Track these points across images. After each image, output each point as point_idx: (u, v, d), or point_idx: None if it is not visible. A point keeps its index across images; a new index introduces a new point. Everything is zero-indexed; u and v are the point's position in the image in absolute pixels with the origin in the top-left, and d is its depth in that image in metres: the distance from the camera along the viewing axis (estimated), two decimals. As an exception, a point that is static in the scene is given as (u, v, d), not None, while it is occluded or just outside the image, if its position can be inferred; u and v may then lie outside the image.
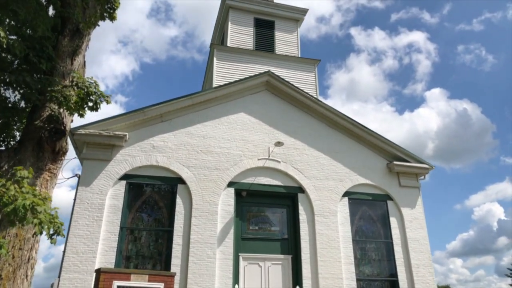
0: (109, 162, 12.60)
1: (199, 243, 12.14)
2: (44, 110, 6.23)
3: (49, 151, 5.95)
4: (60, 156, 6.09)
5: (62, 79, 6.29)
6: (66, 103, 5.91)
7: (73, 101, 6.01)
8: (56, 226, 4.26)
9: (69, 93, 5.98)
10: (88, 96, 6.11)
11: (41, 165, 5.86)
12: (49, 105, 6.21)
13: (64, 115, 6.29)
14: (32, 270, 5.30)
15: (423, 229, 14.37)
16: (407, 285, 13.40)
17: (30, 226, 4.92)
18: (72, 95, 5.99)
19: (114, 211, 12.07)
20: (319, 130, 15.19)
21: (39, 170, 5.81)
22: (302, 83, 16.85)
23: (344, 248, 13.36)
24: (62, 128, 6.04)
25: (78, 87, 6.16)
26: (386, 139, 15.22)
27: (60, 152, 6.07)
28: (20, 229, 5.10)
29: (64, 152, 6.13)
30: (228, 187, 13.33)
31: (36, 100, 6.07)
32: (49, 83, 5.93)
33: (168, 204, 12.81)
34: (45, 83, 5.92)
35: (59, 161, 6.11)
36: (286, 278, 12.84)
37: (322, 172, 14.41)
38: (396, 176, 15.02)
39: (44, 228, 4.10)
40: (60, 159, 6.11)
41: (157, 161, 13.01)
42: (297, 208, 13.70)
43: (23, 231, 5.12)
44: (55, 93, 5.87)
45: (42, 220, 3.93)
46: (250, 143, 14.22)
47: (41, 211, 3.94)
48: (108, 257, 11.43)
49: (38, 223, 3.95)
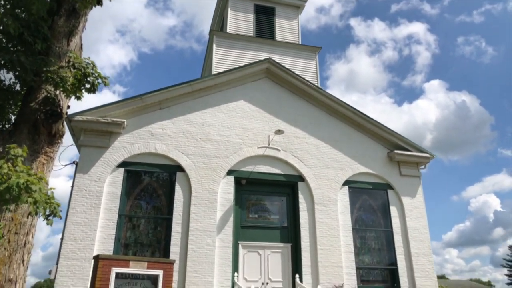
0: (107, 149, 12.44)
1: (198, 231, 12.04)
2: (40, 92, 6.04)
3: (45, 134, 5.78)
4: (56, 139, 5.92)
5: (58, 60, 6.09)
6: (63, 85, 5.73)
7: (70, 83, 5.83)
8: (52, 206, 4.12)
9: (66, 74, 5.79)
10: (85, 77, 5.92)
11: (37, 148, 5.69)
12: (44, 87, 6.02)
13: (60, 98, 6.11)
14: (28, 255, 5.17)
15: (423, 218, 14.31)
16: (406, 273, 13.38)
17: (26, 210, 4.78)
18: (69, 76, 5.80)
19: (112, 198, 11.94)
20: (320, 118, 15.03)
21: (35, 153, 5.65)
22: (302, 70, 16.62)
23: (344, 237, 13.30)
24: (59, 111, 5.86)
25: (74, 67, 5.96)
26: (387, 128, 15.09)
27: (56, 135, 5.90)
28: (16, 213, 4.96)
29: (60, 135, 5.96)
30: (227, 175, 13.20)
31: (31, 81, 5.88)
32: (44, 64, 5.74)
33: (167, 191, 12.69)
34: (40, 63, 5.72)
35: (55, 144, 5.94)
36: (285, 266, 12.79)
37: (323, 160, 14.28)
38: (396, 165, 14.91)
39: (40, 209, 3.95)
40: (56, 143, 5.94)
41: (155, 149, 12.85)
42: (297, 196, 13.60)
43: (18, 215, 4.98)
44: (50, 74, 5.68)
45: (37, 199, 3.78)
46: (250, 131, 14.06)
47: (36, 190, 3.79)
48: (107, 245, 11.33)
49: (33, 203, 3.79)
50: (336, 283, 12.25)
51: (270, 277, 12.50)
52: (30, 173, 4.04)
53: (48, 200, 4.12)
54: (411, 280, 13.27)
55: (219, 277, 11.71)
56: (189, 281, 11.34)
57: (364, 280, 13.18)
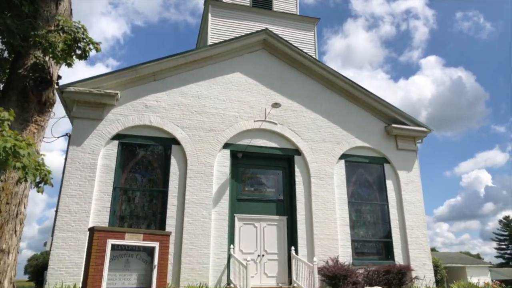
0: (101, 121, 12.21)
1: (194, 204, 12.01)
2: (28, 58, 5.76)
3: (35, 102, 5.54)
4: (47, 107, 5.69)
5: (46, 24, 5.79)
6: (52, 50, 5.45)
7: (60, 48, 5.56)
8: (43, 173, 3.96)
9: (55, 39, 5.51)
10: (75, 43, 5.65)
11: (26, 117, 5.47)
12: (33, 53, 5.74)
13: (50, 64, 5.84)
14: (21, 225, 5.05)
15: (419, 192, 14.38)
16: (400, 246, 13.54)
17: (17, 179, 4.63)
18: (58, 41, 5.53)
19: (106, 171, 11.81)
20: (317, 91, 14.80)
21: (25, 122, 5.43)
22: (300, 42, 16.28)
23: (339, 210, 13.35)
24: (49, 78, 5.60)
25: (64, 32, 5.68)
26: (385, 102, 14.93)
27: (47, 104, 5.66)
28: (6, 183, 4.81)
29: (51, 103, 5.72)
30: (223, 148, 13.07)
31: (18, 46, 5.60)
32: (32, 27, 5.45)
33: (162, 165, 12.56)
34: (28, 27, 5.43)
35: (46, 113, 5.71)
36: (281, 238, 12.87)
37: (319, 134, 14.16)
38: (393, 139, 14.85)
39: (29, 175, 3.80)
40: (47, 111, 5.71)
41: (150, 121, 12.63)
42: (293, 170, 13.55)
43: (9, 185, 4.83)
44: (39, 38, 5.40)
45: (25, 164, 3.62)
46: (246, 104, 13.83)
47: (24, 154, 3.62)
48: (102, 217, 11.28)
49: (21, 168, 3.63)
50: (331, 255, 12.37)
51: (266, 249, 12.60)
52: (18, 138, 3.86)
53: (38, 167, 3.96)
54: (405, 252, 13.45)
55: (215, 249, 11.76)
56: (185, 253, 11.39)
57: (358, 252, 13.34)
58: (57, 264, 10.49)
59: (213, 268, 11.56)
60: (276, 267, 12.50)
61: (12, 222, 4.92)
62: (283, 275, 12.43)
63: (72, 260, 10.58)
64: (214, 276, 11.50)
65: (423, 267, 13.28)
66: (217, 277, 11.51)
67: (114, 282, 8.41)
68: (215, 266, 11.60)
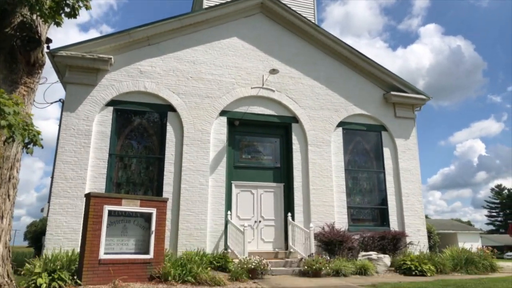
0: (94, 87, 11.94)
1: (191, 171, 11.96)
2: (15, 16, 5.48)
3: (23, 63, 5.31)
4: (36, 69, 5.47)
5: (32, -20, 5.47)
6: (39, 8, 5.17)
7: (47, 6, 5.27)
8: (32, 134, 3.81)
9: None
10: (64, 0, 5.36)
11: (15, 78, 5.26)
12: (19, 11, 5.45)
13: (38, 23, 5.57)
14: (14, 190, 4.95)
15: (416, 159, 14.39)
16: (396, 212, 13.69)
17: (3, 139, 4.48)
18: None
19: (102, 137, 11.66)
20: (316, 58, 14.48)
21: (13, 84, 5.23)
22: (299, 7, 15.77)
23: (336, 177, 13.38)
24: (37, 37, 5.35)
25: (51, -13, 5.38)
26: (384, 68, 14.66)
27: (36, 65, 5.43)
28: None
29: (40, 64, 5.49)
30: (220, 115, 12.90)
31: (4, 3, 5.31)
32: (17, -17, 5.14)
33: (158, 131, 12.41)
34: (12, -18, 5.13)
35: (35, 74, 5.49)
36: (278, 205, 12.95)
37: (317, 101, 13.97)
38: (392, 107, 14.70)
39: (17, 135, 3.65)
40: (37, 72, 5.49)
41: (145, 87, 12.36)
42: (291, 138, 13.46)
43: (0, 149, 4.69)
44: (24, -6, 5.11)
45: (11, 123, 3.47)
46: (243, 70, 13.54)
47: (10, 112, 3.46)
48: (98, 184, 11.24)
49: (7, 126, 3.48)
50: (328, 221, 12.50)
51: (263, 216, 12.70)
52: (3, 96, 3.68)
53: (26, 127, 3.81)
54: (400, 219, 13.61)
55: (212, 215, 11.83)
56: (183, 219, 11.45)
57: (354, 219, 13.49)
58: (55, 230, 10.53)
59: (211, 234, 11.67)
60: (272, 233, 12.65)
61: (5, 186, 4.82)
62: (279, 241, 12.60)
63: (70, 226, 10.62)
64: (212, 241, 11.62)
65: (417, 233, 13.49)
66: (214, 242, 11.65)
67: (112, 247, 8.47)
68: (213, 232, 11.71)
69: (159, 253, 8.73)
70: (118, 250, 8.49)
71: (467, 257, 11.71)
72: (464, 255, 11.80)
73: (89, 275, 7.76)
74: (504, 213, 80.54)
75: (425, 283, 8.76)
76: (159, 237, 8.89)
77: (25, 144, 3.96)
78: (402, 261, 11.07)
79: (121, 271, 8.06)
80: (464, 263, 11.53)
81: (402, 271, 10.83)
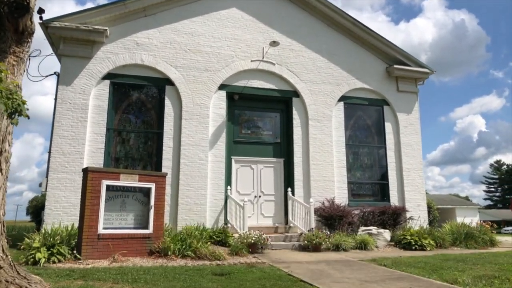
0: (90, 59, 11.62)
1: (191, 146, 11.81)
2: (1, -19, 5.16)
3: (11, 31, 5.04)
4: (25, 37, 5.20)
5: None
6: (26, -28, 4.86)
7: (35, -30, 4.97)
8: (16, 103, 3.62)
9: (28, -42, 4.90)
10: (51, -37, 5.04)
11: (3, 47, 5.01)
12: (6, -24, 5.14)
13: (26, -11, 5.26)
14: (7, 164, 4.79)
15: (418, 134, 14.22)
16: (396, 188, 13.63)
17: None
18: (32, -40, 4.92)
19: (99, 111, 11.44)
20: (318, 30, 14.06)
21: (2, 53, 4.98)
22: (300, -24, 15.16)
23: (337, 152, 13.25)
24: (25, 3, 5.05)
25: (37, -51, 5.06)
26: (387, 41, 14.27)
27: (25, 33, 5.16)
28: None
29: (29, 32, 5.22)
30: (219, 89, 12.63)
31: (-11, -33, 4.98)
32: None
33: (157, 106, 12.18)
34: None
35: (25, 43, 5.23)
36: (278, 180, 12.87)
37: (319, 75, 13.67)
38: (394, 81, 14.40)
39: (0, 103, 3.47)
40: (26, 41, 5.23)
41: (142, 60, 12.04)
42: (291, 112, 13.23)
43: (-10, 121, 4.50)
44: (10, -43, 4.79)
45: (-8, 90, 3.28)
46: (242, 42, 13.16)
47: (-9, 79, 3.27)
48: (96, 158, 11.10)
49: (-12, 93, 3.30)
50: (328, 196, 12.45)
51: (263, 191, 12.64)
52: (-15, 63, 3.48)
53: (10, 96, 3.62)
54: (400, 194, 13.57)
55: (212, 190, 11.76)
56: (182, 194, 11.39)
57: (355, 194, 13.44)
58: (54, 205, 10.47)
59: (211, 209, 11.63)
60: (272, 208, 12.62)
61: (-3, 160, 4.67)
62: (279, 216, 12.58)
63: (69, 200, 10.55)
64: (212, 216, 11.60)
65: (417, 208, 13.48)
66: (214, 217, 11.63)
67: (111, 222, 8.41)
68: (213, 207, 11.67)
69: (158, 228, 8.69)
70: (117, 225, 8.44)
71: (467, 232, 11.71)
72: (463, 230, 11.81)
73: (88, 249, 7.73)
74: (503, 189, 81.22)
75: (425, 257, 8.75)
76: (159, 212, 8.83)
77: (8, 114, 3.77)
78: (402, 236, 11.07)
79: (120, 246, 8.03)
80: (463, 238, 11.55)
81: (402, 246, 10.84)
